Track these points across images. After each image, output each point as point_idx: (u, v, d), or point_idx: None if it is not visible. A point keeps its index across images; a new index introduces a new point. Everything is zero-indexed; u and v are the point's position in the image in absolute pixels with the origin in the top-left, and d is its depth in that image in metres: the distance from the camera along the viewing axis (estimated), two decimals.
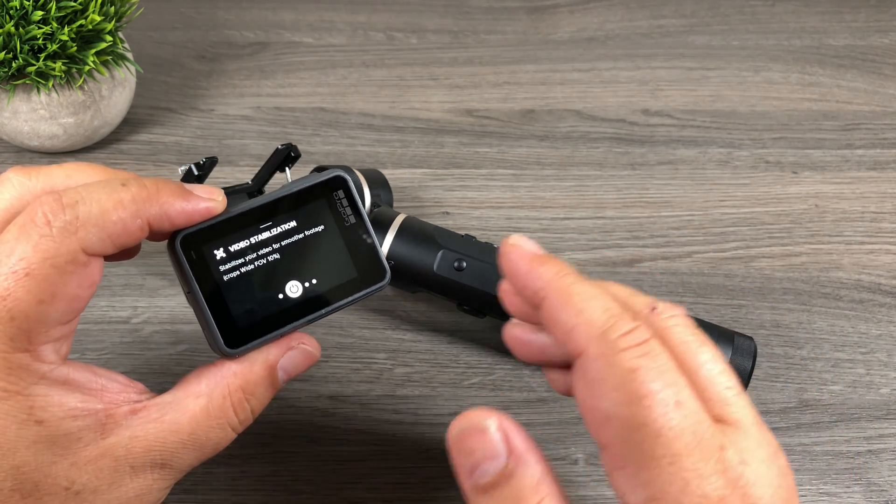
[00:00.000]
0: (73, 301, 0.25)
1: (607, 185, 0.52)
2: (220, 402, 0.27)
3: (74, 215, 0.24)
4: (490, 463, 0.23)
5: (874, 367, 0.42)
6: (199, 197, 0.27)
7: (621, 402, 0.22)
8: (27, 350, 0.24)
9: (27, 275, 0.24)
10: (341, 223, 0.29)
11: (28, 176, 0.26)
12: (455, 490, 0.37)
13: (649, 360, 0.22)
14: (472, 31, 0.64)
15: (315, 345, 0.30)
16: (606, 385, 0.22)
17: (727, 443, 0.22)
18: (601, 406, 0.23)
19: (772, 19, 0.67)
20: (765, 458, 0.23)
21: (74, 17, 0.46)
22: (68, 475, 0.25)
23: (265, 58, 0.60)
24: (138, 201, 0.25)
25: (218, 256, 0.27)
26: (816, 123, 0.57)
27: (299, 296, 0.28)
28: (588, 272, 0.46)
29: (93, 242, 0.25)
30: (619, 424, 0.22)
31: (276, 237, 0.28)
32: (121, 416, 0.26)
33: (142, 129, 0.54)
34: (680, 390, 0.22)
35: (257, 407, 0.28)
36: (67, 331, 0.26)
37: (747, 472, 0.22)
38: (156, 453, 0.26)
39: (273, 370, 0.28)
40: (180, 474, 0.27)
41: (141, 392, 0.27)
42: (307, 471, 0.37)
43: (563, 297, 0.24)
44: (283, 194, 0.28)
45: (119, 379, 0.27)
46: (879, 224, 0.50)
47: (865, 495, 0.37)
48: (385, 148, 0.54)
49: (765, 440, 0.23)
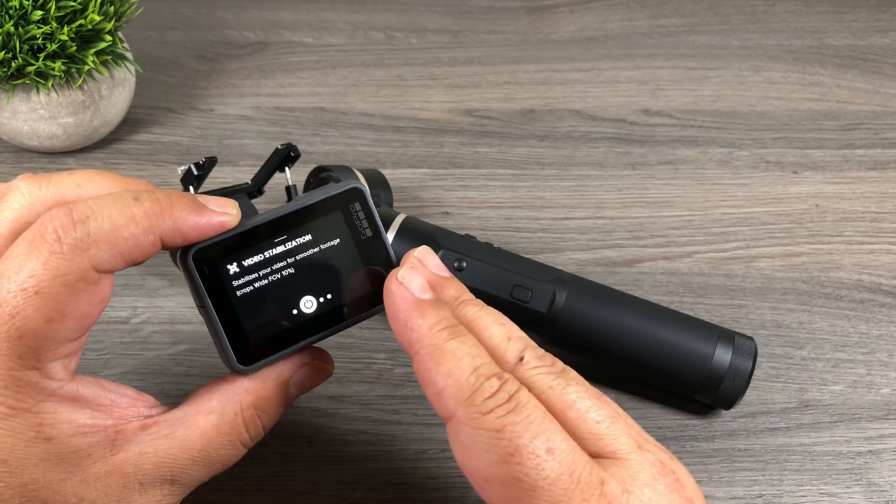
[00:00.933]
0: (82, 319, 0.24)
1: (607, 185, 0.52)
2: (232, 419, 0.27)
3: (86, 232, 0.24)
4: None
5: (875, 367, 0.42)
6: (212, 211, 0.26)
7: (494, 462, 0.22)
8: (36, 368, 0.24)
9: (37, 293, 0.23)
10: (357, 236, 0.28)
11: (38, 185, 0.26)
12: (455, 490, 0.37)
13: (515, 416, 0.23)
14: (472, 31, 0.64)
15: (329, 360, 0.29)
16: (478, 448, 0.23)
17: (607, 476, 0.23)
18: (477, 468, 0.23)
19: (772, 19, 0.66)
20: (647, 482, 0.23)
21: (74, 16, 0.46)
22: (77, 492, 0.24)
23: (265, 58, 0.60)
24: (151, 217, 0.25)
25: (231, 271, 0.27)
26: (817, 123, 0.57)
27: (314, 311, 0.28)
28: (588, 272, 0.46)
29: (104, 260, 0.24)
30: (497, 483, 0.23)
31: (291, 251, 0.27)
32: (130, 432, 0.26)
33: (141, 129, 0.54)
34: (550, 437, 0.23)
35: (268, 423, 0.28)
36: (76, 347, 0.25)
37: (631, 499, 0.22)
38: (165, 469, 0.26)
39: (285, 387, 0.28)
40: (189, 489, 0.27)
41: (151, 406, 0.27)
42: (307, 471, 0.37)
43: (434, 356, 0.24)
44: (298, 207, 0.28)
45: (128, 393, 0.27)
46: (880, 224, 0.50)
47: (866, 496, 0.37)
48: (385, 148, 0.54)
49: (645, 462, 0.23)
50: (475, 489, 0.24)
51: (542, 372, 0.25)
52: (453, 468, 0.37)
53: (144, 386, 0.39)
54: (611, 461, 0.23)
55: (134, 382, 0.39)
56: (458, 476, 0.37)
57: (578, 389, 0.25)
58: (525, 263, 0.39)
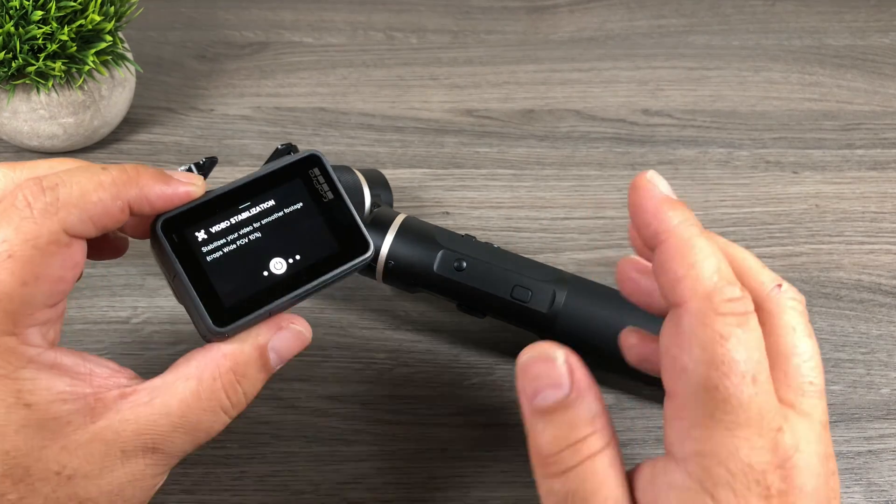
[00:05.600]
0: (57, 283, 0.25)
1: (607, 185, 0.52)
2: (211, 384, 0.27)
3: (55, 196, 0.25)
4: (553, 391, 0.24)
5: (874, 367, 0.42)
6: (178, 181, 0.27)
7: (703, 360, 0.23)
8: (13, 333, 0.24)
9: (9, 257, 0.24)
10: (319, 200, 0.29)
11: (12, 169, 0.27)
12: (455, 490, 0.37)
13: (742, 332, 0.23)
14: (472, 31, 0.64)
15: (305, 325, 0.29)
16: (694, 340, 0.23)
17: (787, 427, 0.23)
18: (682, 358, 0.23)
19: (772, 19, 0.66)
20: (819, 453, 0.23)
21: (74, 16, 0.46)
22: (59, 459, 0.24)
23: (265, 58, 0.60)
24: (118, 183, 0.26)
25: (200, 238, 0.28)
26: (816, 123, 0.57)
27: (284, 272, 0.28)
28: (588, 272, 0.46)
29: (74, 223, 0.25)
30: (693, 379, 0.23)
31: (256, 216, 0.28)
32: (110, 399, 0.26)
33: (142, 129, 0.54)
34: (761, 370, 0.23)
35: (249, 390, 0.28)
36: (54, 315, 0.26)
37: (797, 457, 0.23)
38: (147, 437, 0.26)
39: (264, 351, 0.28)
40: (174, 460, 0.27)
41: (130, 378, 0.27)
42: (307, 471, 0.37)
43: (681, 245, 0.24)
44: (259, 175, 0.29)
45: (108, 364, 0.27)
46: (880, 224, 0.50)
47: (865, 495, 0.37)
48: (385, 148, 0.54)
49: (825, 439, 0.24)
50: (663, 376, 0.24)
51: (797, 308, 0.25)
52: (453, 468, 0.38)
53: None
54: (798, 417, 0.24)
55: None
56: (458, 476, 0.37)
57: (812, 344, 0.25)
58: (525, 263, 0.39)
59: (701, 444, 0.23)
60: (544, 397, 0.25)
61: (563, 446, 0.24)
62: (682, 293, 0.24)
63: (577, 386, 0.24)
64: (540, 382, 0.25)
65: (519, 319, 0.38)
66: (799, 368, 0.25)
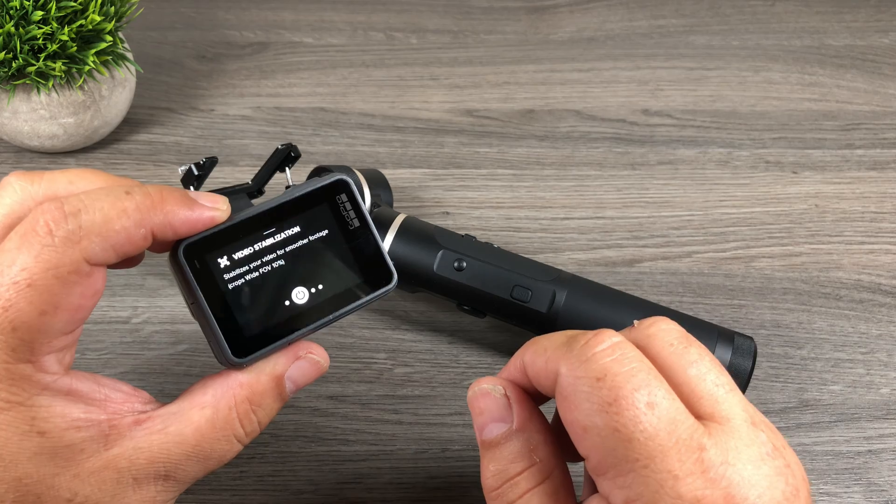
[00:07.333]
0: (76, 311, 0.24)
1: (607, 185, 0.52)
2: (226, 414, 0.27)
3: (77, 224, 0.24)
4: (495, 424, 0.26)
5: (874, 367, 0.42)
6: (203, 206, 0.26)
7: (593, 411, 0.22)
8: (29, 361, 0.24)
9: (29, 285, 0.23)
10: (345, 227, 0.29)
11: (30, 181, 0.26)
12: (455, 490, 0.37)
13: (617, 365, 0.23)
14: (472, 31, 0.64)
15: (324, 354, 0.29)
16: (578, 397, 0.23)
17: (710, 443, 0.22)
18: (577, 419, 0.23)
19: (772, 19, 0.67)
20: (753, 458, 0.22)
21: (74, 17, 0.46)
22: (71, 487, 0.24)
23: (265, 58, 0.60)
24: (142, 210, 0.25)
25: (222, 265, 0.27)
26: (816, 123, 0.57)
27: (306, 302, 0.28)
28: (588, 272, 0.46)
29: (96, 252, 0.24)
30: (595, 433, 0.23)
31: (281, 243, 0.28)
32: (124, 426, 0.26)
33: (142, 129, 0.54)
34: (653, 392, 0.22)
35: (264, 419, 0.28)
36: (70, 340, 0.25)
37: (730, 472, 0.22)
38: (159, 465, 0.26)
39: (280, 381, 0.28)
40: (184, 486, 0.27)
41: (146, 402, 0.27)
42: (307, 471, 0.37)
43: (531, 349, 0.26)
44: (285, 199, 0.28)
45: (123, 388, 0.27)
46: (879, 224, 0.50)
47: (865, 495, 0.37)
48: (385, 148, 0.54)
49: (756, 439, 0.23)
50: (575, 444, 0.24)
51: (662, 329, 0.25)
52: (453, 468, 0.38)
53: (145, 386, 0.39)
54: (720, 427, 0.23)
55: (134, 382, 0.39)
56: (458, 476, 0.37)
57: (701, 352, 0.24)
58: (525, 263, 0.39)
59: (627, 491, 0.22)
60: (489, 430, 0.26)
61: (503, 480, 0.25)
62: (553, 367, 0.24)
63: (518, 419, 0.26)
64: (484, 417, 0.26)
65: (519, 319, 0.38)
66: (701, 376, 0.24)
